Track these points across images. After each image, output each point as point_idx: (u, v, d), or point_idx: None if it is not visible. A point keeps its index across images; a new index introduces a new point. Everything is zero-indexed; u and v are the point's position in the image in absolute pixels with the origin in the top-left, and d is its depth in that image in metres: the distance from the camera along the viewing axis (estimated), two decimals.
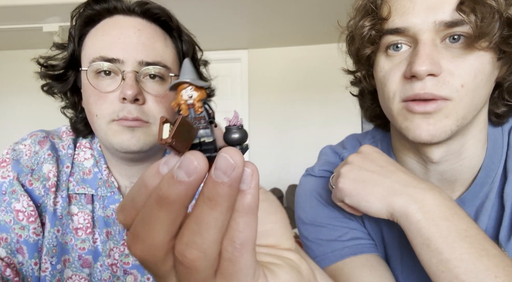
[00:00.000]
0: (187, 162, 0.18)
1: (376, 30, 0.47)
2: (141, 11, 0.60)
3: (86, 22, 0.60)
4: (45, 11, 1.99)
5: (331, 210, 0.57)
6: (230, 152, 0.18)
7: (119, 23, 0.59)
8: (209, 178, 0.19)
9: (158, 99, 0.59)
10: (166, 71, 0.59)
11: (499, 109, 0.49)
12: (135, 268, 0.63)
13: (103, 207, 0.62)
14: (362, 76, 0.57)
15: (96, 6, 0.59)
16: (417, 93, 0.44)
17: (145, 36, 0.58)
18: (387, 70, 0.48)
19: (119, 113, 0.56)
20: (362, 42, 0.49)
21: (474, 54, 0.42)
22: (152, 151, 0.63)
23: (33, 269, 0.56)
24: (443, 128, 0.44)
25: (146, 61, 0.57)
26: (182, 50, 0.65)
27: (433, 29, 0.42)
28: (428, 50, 0.42)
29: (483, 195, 0.49)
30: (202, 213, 0.19)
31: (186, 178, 0.18)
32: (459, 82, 0.42)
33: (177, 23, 0.65)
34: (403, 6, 0.44)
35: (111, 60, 0.56)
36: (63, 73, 0.63)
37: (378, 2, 0.47)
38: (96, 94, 0.57)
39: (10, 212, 0.55)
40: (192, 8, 2.12)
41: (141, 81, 0.57)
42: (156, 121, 0.59)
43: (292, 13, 2.27)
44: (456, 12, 0.41)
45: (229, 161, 0.18)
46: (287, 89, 2.94)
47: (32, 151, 0.60)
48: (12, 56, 2.89)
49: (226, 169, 0.18)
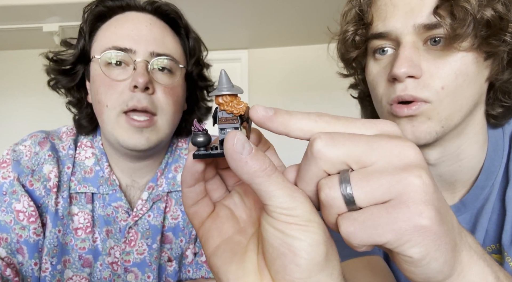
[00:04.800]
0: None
1: (359, 35, 0.49)
2: (152, 8, 0.63)
3: (97, 18, 0.62)
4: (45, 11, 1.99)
5: None
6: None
7: (131, 17, 0.61)
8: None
9: (167, 90, 0.60)
10: (175, 63, 0.61)
11: (495, 111, 0.49)
12: (135, 266, 0.63)
13: (103, 205, 0.62)
14: (358, 79, 0.58)
15: (109, 3, 0.61)
16: (399, 95, 0.44)
17: (156, 30, 0.61)
18: (375, 74, 0.49)
19: (129, 103, 0.56)
20: (345, 46, 0.51)
21: (455, 55, 0.42)
22: (157, 148, 0.63)
23: (33, 269, 0.56)
24: (426, 130, 0.44)
25: (157, 52, 0.59)
26: (189, 47, 0.67)
27: (413, 32, 0.43)
28: (408, 53, 0.43)
29: (483, 197, 0.49)
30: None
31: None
32: (439, 84, 0.43)
33: (186, 21, 0.67)
34: (384, 11, 0.46)
35: (123, 50, 0.57)
36: (71, 67, 0.64)
37: (363, 9, 0.49)
38: (107, 84, 0.58)
39: (11, 212, 0.55)
40: (192, 8, 2.12)
41: (151, 72, 0.59)
42: (163, 113, 0.60)
43: (292, 13, 2.27)
44: (433, 15, 0.42)
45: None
46: (287, 89, 2.94)
47: (33, 151, 0.60)
48: (12, 56, 2.89)
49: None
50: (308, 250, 0.21)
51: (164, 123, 0.61)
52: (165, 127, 0.61)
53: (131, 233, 0.63)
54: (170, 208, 0.68)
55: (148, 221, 0.65)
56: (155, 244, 0.64)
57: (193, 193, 0.28)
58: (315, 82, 2.87)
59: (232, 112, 0.25)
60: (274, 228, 0.22)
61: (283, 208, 0.22)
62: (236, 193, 0.30)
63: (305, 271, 0.22)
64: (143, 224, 0.64)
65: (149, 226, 0.65)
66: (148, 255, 0.64)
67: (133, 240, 0.63)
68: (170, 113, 0.61)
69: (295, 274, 0.22)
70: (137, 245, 0.63)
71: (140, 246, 0.63)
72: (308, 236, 0.22)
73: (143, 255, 0.63)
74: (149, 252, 0.64)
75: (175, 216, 0.68)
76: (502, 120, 0.50)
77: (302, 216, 0.22)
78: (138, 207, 0.64)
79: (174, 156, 0.71)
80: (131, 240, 0.63)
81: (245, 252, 0.26)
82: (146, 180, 0.67)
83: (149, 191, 0.66)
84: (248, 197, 0.29)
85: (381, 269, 0.51)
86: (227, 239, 0.27)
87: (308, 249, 0.21)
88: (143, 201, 0.65)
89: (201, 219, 0.29)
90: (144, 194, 0.65)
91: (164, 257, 0.67)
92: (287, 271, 0.22)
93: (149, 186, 0.66)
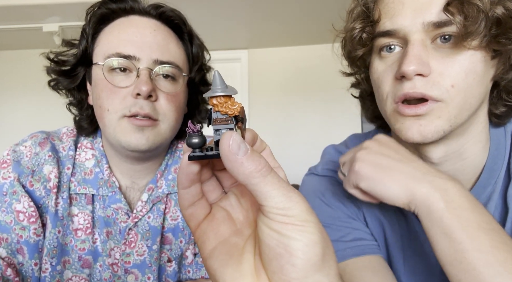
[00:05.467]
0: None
1: (367, 33, 0.48)
2: (157, 13, 0.62)
3: (100, 20, 0.61)
4: (45, 11, 1.99)
5: (334, 210, 0.57)
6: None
7: (135, 22, 0.60)
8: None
9: (170, 98, 0.60)
10: (178, 71, 0.61)
11: (499, 110, 0.49)
12: (136, 267, 0.63)
13: (104, 207, 0.62)
14: (361, 78, 0.57)
15: (113, 5, 0.60)
16: (407, 93, 0.44)
17: (160, 37, 0.60)
18: (381, 72, 0.48)
19: (131, 109, 0.56)
20: (352, 44, 0.50)
21: (464, 53, 0.42)
22: (158, 150, 0.63)
23: (33, 270, 0.56)
24: (434, 129, 0.44)
25: (160, 60, 0.58)
26: (192, 53, 0.67)
27: (422, 30, 0.43)
28: (417, 50, 0.42)
29: (486, 196, 0.49)
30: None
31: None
32: (449, 83, 0.42)
33: (190, 27, 0.66)
34: (392, 9, 0.45)
35: (127, 57, 0.57)
36: (72, 69, 0.63)
37: (369, 6, 0.48)
38: (109, 89, 0.57)
39: (11, 213, 0.55)
40: (192, 8, 2.12)
41: (154, 79, 0.59)
42: (166, 119, 0.60)
43: (292, 13, 2.27)
44: (443, 13, 0.41)
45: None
46: (287, 89, 2.94)
47: (33, 152, 0.60)
48: (12, 56, 2.89)
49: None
50: (304, 250, 0.21)
51: (166, 128, 0.61)
52: (167, 132, 0.61)
53: (131, 234, 0.63)
54: (169, 209, 0.68)
55: (148, 223, 0.65)
56: (155, 245, 0.64)
57: (189, 194, 0.28)
58: (315, 82, 2.88)
59: (227, 113, 0.25)
60: (270, 229, 0.22)
61: (279, 208, 0.22)
62: (232, 195, 0.30)
63: (301, 271, 0.22)
64: (143, 226, 0.64)
65: (149, 227, 0.65)
66: (148, 256, 0.64)
67: (133, 241, 0.63)
68: (172, 119, 0.61)
69: (291, 274, 0.22)
70: (137, 246, 0.63)
71: (140, 247, 0.63)
72: (304, 236, 0.22)
73: (143, 256, 0.63)
74: (149, 253, 0.64)
75: (175, 217, 0.68)
76: (505, 119, 0.50)
77: (298, 216, 0.22)
78: (138, 209, 0.64)
79: (174, 157, 0.71)
80: (131, 242, 0.63)
81: (241, 254, 0.26)
82: (146, 182, 0.67)
83: (149, 193, 0.66)
84: (244, 198, 0.29)
85: (381, 268, 0.52)
86: (224, 241, 0.27)
87: (305, 249, 0.21)
88: (143, 203, 0.65)
89: (198, 221, 0.29)
90: (144, 195, 0.65)
91: (164, 258, 0.67)
92: (283, 271, 0.22)
93: (149, 187, 0.66)
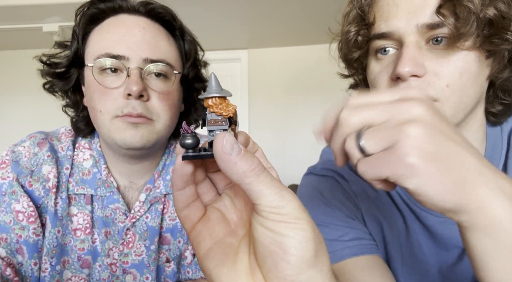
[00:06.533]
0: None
1: (362, 36, 0.49)
2: (146, 10, 0.61)
3: (90, 20, 0.60)
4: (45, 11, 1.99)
5: (333, 209, 0.57)
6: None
7: (124, 21, 0.59)
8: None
9: (162, 96, 0.59)
10: (169, 69, 0.60)
11: (495, 108, 0.50)
12: (134, 267, 0.63)
13: (102, 207, 0.62)
14: (359, 79, 0.58)
15: (101, 5, 0.60)
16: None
17: (149, 35, 0.59)
18: (377, 73, 0.49)
19: (124, 109, 0.56)
20: (348, 47, 0.51)
21: (458, 54, 0.43)
22: (154, 148, 0.63)
23: (32, 269, 0.56)
24: None
25: (150, 59, 0.58)
26: (184, 49, 0.66)
27: (416, 32, 0.43)
28: (411, 52, 0.43)
29: None
30: None
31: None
32: (444, 83, 0.43)
33: (181, 23, 0.65)
34: (387, 11, 0.46)
35: (116, 57, 0.56)
36: (65, 71, 0.63)
37: (365, 9, 0.49)
38: (100, 90, 0.57)
39: (10, 213, 0.55)
40: (192, 8, 2.12)
41: (146, 78, 0.58)
42: (159, 118, 0.59)
43: (292, 13, 2.27)
44: (436, 15, 0.42)
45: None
46: (287, 89, 2.94)
47: (31, 152, 0.60)
48: (12, 56, 2.89)
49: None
50: (297, 246, 0.22)
51: (160, 127, 0.60)
52: (162, 130, 0.61)
53: (128, 234, 0.63)
54: (168, 209, 0.68)
55: (145, 223, 0.65)
56: (153, 246, 0.65)
57: (183, 196, 0.28)
58: (315, 82, 2.88)
59: (221, 114, 0.25)
60: (264, 227, 0.23)
61: (272, 206, 0.22)
62: (226, 196, 0.31)
63: (295, 268, 0.22)
64: (141, 226, 0.64)
65: (146, 227, 0.65)
66: (146, 256, 0.64)
67: (131, 241, 0.63)
68: (166, 118, 0.60)
69: (286, 271, 0.22)
70: (135, 247, 0.63)
71: (138, 247, 0.63)
72: (297, 233, 0.22)
73: (141, 256, 0.63)
74: (147, 253, 0.64)
75: (173, 217, 0.68)
76: (501, 118, 0.51)
77: (290, 214, 0.23)
78: (135, 209, 0.64)
79: (172, 157, 0.71)
80: (129, 242, 0.63)
81: (236, 254, 0.26)
82: (143, 182, 0.67)
83: (146, 193, 0.66)
84: (238, 199, 0.30)
85: (380, 268, 0.52)
86: (219, 242, 0.28)
87: (298, 245, 0.22)
88: (140, 203, 0.65)
89: (193, 222, 0.29)
90: (142, 195, 0.65)
91: (163, 258, 0.67)
92: (278, 268, 0.22)
93: (147, 187, 0.66)
